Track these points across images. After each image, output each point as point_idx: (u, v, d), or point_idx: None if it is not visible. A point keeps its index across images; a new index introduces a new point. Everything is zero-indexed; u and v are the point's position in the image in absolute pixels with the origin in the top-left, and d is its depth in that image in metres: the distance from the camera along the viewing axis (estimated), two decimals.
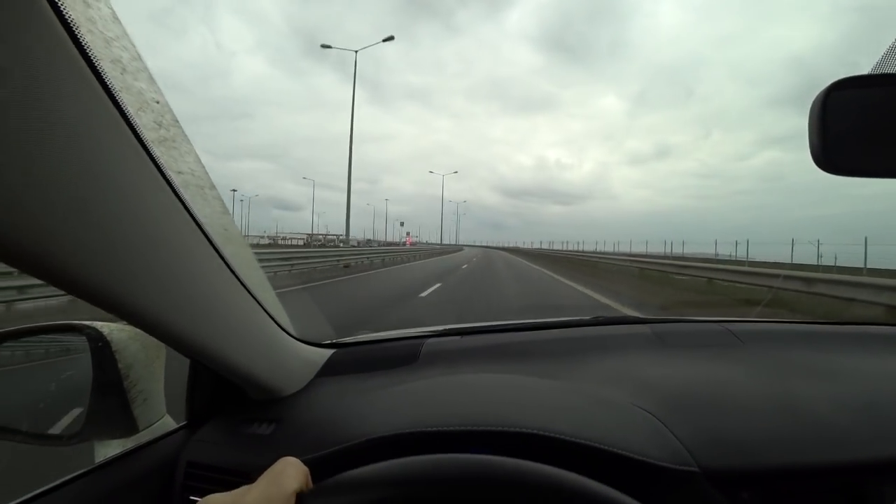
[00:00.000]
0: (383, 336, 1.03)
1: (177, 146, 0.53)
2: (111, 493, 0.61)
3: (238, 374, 0.65)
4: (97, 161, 0.36)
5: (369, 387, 0.79)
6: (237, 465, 0.63)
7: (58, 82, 0.32)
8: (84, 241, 0.37)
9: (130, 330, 0.68)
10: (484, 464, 0.39)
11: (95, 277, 0.39)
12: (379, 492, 0.36)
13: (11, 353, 0.69)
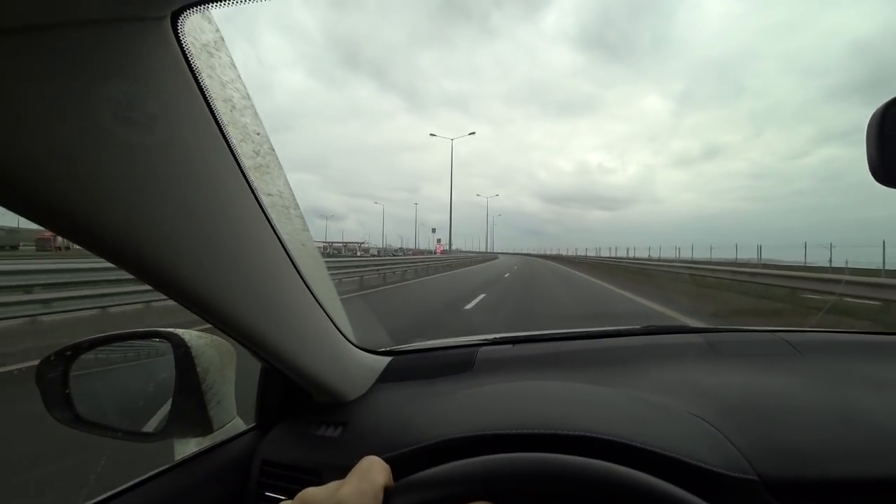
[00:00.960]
0: (438, 344, 1.06)
1: (269, 171, 0.59)
2: (192, 488, 0.67)
3: (310, 379, 0.70)
4: (208, 185, 0.43)
5: (429, 393, 0.82)
6: (308, 464, 0.68)
7: (187, 123, 0.39)
8: (197, 254, 0.45)
9: (207, 337, 0.75)
10: (570, 464, 0.40)
11: (204, 288, 0.47)
12: (463, 487, 0.37)
13: (107, 356, 0.77)
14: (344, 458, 0.65)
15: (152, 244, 0.41)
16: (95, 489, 0.61)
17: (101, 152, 0.35)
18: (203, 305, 0.48)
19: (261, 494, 0.69)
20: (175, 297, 0.46)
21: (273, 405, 0.80)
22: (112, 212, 0.37)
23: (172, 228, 0.42)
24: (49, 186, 0.33)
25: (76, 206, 0.35)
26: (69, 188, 0.34)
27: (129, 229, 0.39)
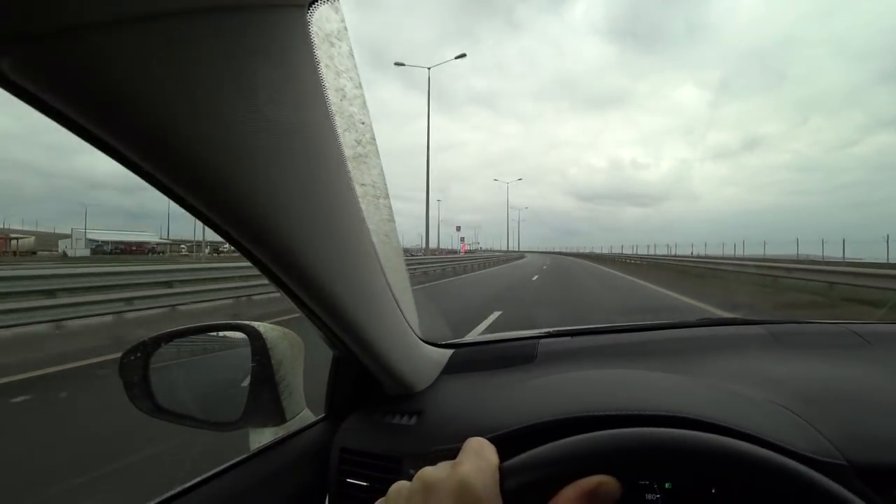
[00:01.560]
0: (497, 337, 1.07)
1: (367, 161, 0.61)
2: (272, 475, 0.69)
3: (388, 369, 0.73)
4: (318, 171, 0.45)
5: (496, 383, 0.83)
6: (387, 452, 0.70)
7: (304, 111, 0.41)
8: (310, 240, 0.47)
9: (280, 330, 0.76)
10: (684, 437, 0.39)
11: (312, 271, 0.50)
12: (576, 464, 0.37)
13: (190, 348, 0.79)
14: (422, 445, 0.68)
15: (275, 229, 0.43)
16: (183, 476, 0.63)
17: (243, 137, 0.37)
18: (310, 288, 0.51)
19: (341, 481, 0.71)
20: (283, 277, 0.49)
21: (343, 397, 0.81)
22: (242, 194, 0.40)
23: (290, 214, 0.44)
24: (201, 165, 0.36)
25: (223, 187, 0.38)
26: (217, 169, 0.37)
27: (256, 212, 0.41)
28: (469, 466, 0.34)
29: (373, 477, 0.69)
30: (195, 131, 0.34)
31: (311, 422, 0.79)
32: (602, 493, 0.34)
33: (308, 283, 0.51)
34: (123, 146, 0.33)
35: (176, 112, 0.32)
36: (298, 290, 0.52)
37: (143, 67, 0.30)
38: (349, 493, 0.70)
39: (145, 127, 0.32)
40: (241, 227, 0.43)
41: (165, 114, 0.32)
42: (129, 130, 0.32)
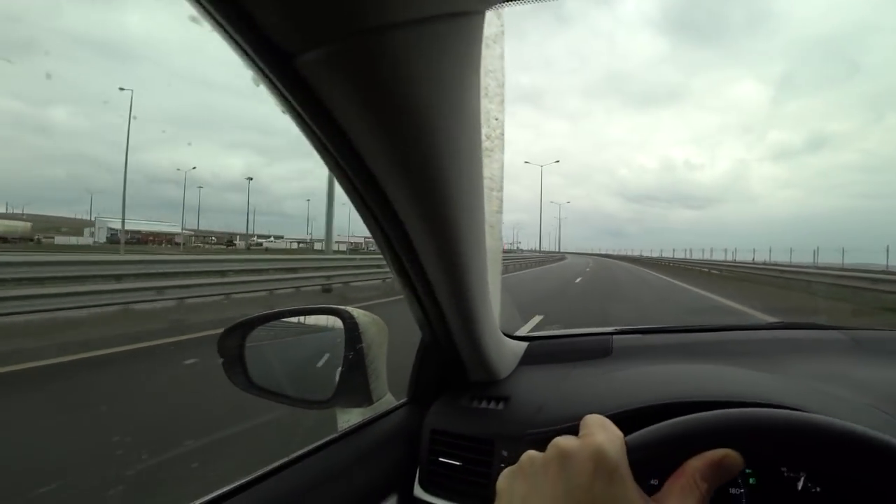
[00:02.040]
0: (570, 332, 1.10)
1: (492, 155, 0.65)
2: (362, 454, 0.72)
3: (478, 357, 0.77)
4: (458, 162, 0.48)
5: (579, 374, 0.86)
6: (479, 434, 0.73)
7: (458, 109, 0.43)
8: (441, 227, 0.52)
9: (370, 315, 0.79)
10: (811, 419, 0.38)
11: (435, 259, 0.55)
12: (698, 440, 0.37)
13: (282, 330, 0.83)
14: (515, 428, 0.72)
15: (419, 215, 0.49)
16: (282, 452, 0.66)
17: (429, 131, 0.41)
18: (430, 273, 0.56)
19: (433, 460, 0.75)
20: (408, 263, 0.55)
21: (427, 382, 0.84)
22: (417, 184, 0.46)
23: (432, 202, 0.48)
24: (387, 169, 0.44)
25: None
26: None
27: (421, 201, 0.47)
28: (602, 436, 0.36)
29: (465, 457, 0.72)
30: (410, 129, 0.40)
31: (396, 405, 0.83)
32: (727, 465, 0.35)
33: (429, 267, 0.55)
34: (369, 143, 0.40)
35: (403, 111, 0.38)
36: (417, 275, 0.56)
37: (371, 76, 0.35)
38: (440, 471, 0.74)
39: (386, 125, 0.39)
40: (402, 216, 0.49)
41: (397, 112, 0.38)
42: (367, 132, 0.39)
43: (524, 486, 0.36)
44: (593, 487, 0.33)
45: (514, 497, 0.36)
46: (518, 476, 0.37)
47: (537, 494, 0.34)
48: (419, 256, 0.55)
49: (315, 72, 0.34)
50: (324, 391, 0.77)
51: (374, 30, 0.31)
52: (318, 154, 0.44)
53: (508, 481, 0.38)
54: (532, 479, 0.36)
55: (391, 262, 0.58)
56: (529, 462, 0.37)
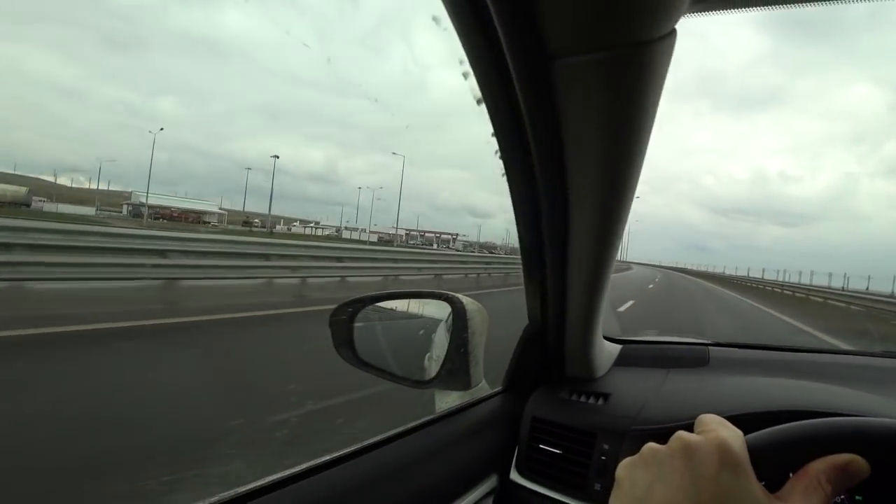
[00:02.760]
0: (663, 339, 1.11)
1: None
2: (460, 435, 0.76)
3: (583, 353, 0.80)
4: (636, 172, 0.53)
5: (677, 379, 0.88)
6: (581, 425, 0.77)
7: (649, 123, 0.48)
8: (594, 227, 0.60)
9: (476, 303, 0.82)
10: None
11: (577, 257, 0.63)
12: (820, 444, 0.37)
13: (389, 311, 0.89)
14: (618, 424, 0.74)
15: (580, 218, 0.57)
16: (383, 428, 0.71)
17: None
18: (568, 268, 0.63)
19: (532, 446, 0.78)
20: (551, 258, 0.64)
21: (525, 373, 0.87)
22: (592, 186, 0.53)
23: (607, 208, 0.55)
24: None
25: None
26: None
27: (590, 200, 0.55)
28: (725, 432, 0.36)
29: (565, 446, 0.75)
30: (623, 138, 0.46)
31: (493, 392, 0.86)
32: (852, 471, 0.35)
33: (574, 265, 0.62)
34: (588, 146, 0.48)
35: (628, 119, 0.44)
36: (555, 271, 0.64)
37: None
38: (538, 457, 0.77)
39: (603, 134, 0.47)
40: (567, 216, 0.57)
41: (624, 121, 0.45)
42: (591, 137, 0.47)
43: (648, 474, 0.37)
44: (720, 479, 0.33)
45: (636, 485, 0.37)
46: (640, 465, 0.38)
47: (663, 483, 0.35)
48: (568, 254, 0.62)
49: (572, 74, 0.40)
50: (425, 372, 0.81)
51: (633, 45, 0.36)
52: (504, 149, 0.52)
53: (629, 470, 0.39)
54: (656, 468, 0.36)
55: (528, 257, 0.65)
56: (652, 453, 0.38)
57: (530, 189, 0.58)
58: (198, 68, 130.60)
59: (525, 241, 0.68)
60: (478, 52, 0.43)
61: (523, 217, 0.63)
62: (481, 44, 0.41)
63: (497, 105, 0.48)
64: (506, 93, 0.45)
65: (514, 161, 0.56)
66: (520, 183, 0.58)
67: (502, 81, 0.44)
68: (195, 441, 2.38)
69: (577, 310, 0.74)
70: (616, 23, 0.36)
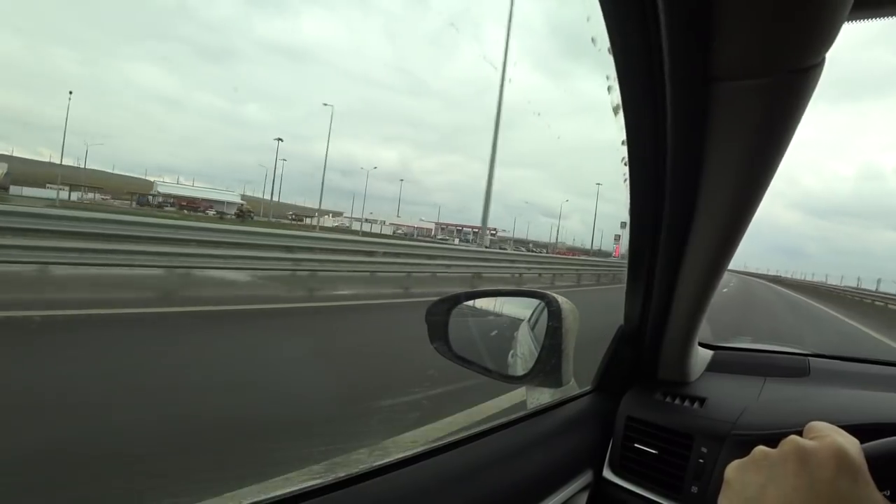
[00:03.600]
0: (761, 347, 1.09)
1: None
2: (552, 431, 0.79)
3: (680, 356, 0.81)
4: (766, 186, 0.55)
5: (777, 388, 0.86)
6: (677, 427, 0.78)
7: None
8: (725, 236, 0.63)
9: (569, 302, 0.84)
10: None
11: (703, 264, 0.67)
12: None
13: (482, 308, 0.93)
14: (718, 428, 0.74)
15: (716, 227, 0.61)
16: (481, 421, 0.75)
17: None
18: (693, 274, 0.67)
19: (627, 446, 0.80)
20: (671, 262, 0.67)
21: (617, 373, 0.89)
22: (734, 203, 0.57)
23: (734, 219, 0.59)
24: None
25: None
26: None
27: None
28: (842, 438, 0.36)
29: (661, 447, 0.76)
30: (770, 158, 0.51)
31: (585, 390, 0.88)
32: None
33: (689, 270, 0.65)
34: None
35: (780, 142, 0.48)
36: (665, 274, 0.67)
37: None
38: (632, 456, 0.79)
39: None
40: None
41: (776, 143, 0.49)
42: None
43: (759, 477, 0.37)
44: (837, 485, 0.33)
45: (748, 486, 0.37)
46: (751, 468, 0.38)
47: (776, 486, 0.36)
48: (682, 263, 0.65)
49: (731, 97, 0.45)
50: (510, 369, 0.85)
51: (792, 71, 0.40)
52: (635, 158, 0.58)
53: (739, 472, 0.39)
54: (767, 470, 0.37)
55: (636, 260, 0.69)
56: (763, 456, 0.38)
57: (654, 198, 0.62)
58: (278, 74, 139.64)
59: (635, 245, 0.71)
60: (632, 70, 0.48)
61: (639, 222, 0.67)
62: (639, 63, 0.47)
63: (638, 118, 0.53)
64: (653, 109, 0.50)
65: (642, 168, 0.60)
66: (644, 190, 0.62)
67: (653, 99, 0.49)
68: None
69: (681, 315, 0.76)
70: (782, 50, 0.39)
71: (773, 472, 0.37)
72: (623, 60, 0.49)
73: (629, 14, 0.44)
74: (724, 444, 0.71)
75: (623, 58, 0.49)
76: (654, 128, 0.53)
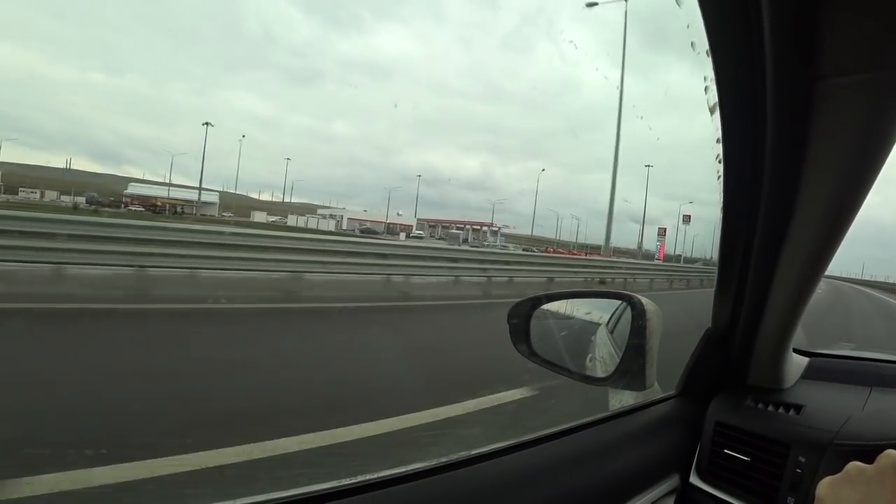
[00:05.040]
0: (865, 355, 1.03)
1: None
2: (637, 434, 0.80)
3: (773, 360, 0.79)
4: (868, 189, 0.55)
5: (888, 399, 0.82)
6: (772, 434, 0.75)
7: None
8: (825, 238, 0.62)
9: (653, 304, 0.84)
10: None
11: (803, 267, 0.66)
12: None
13: (564, 309, 0.95)
14: (815, 437, 0.71)
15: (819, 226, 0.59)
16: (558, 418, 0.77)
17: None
18: (797, 276, 0.67)
19: (716, 451, 0.78)
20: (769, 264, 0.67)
21: (703, 378, 0.87)
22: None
23: (835, 221, 0.58)
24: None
25: None
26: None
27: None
28: None
29: (754, 455, 0.74)
30: (875, 158, 0.50)
31: (668, 394, 0.87)
32: None
33: (785, 273, 0.65)
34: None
35: (885, 140, 0.48)
36: (759, 277, 0.67)
37: None
38: (721, 463, 0.77)
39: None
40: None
41: (881, 140, 0.49)
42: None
43: (855, 494, 0.36)
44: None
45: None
46: (845, 485, 0.38)
47: (872, 503, 0.35)
48: (778, 264, 0.65)
49: (838, 93, 0.46)
50: (589, 371, 0.86)
51: None
52: (731, 157, 0.58)
53: (833, 489, 0.38)
54: (863, 488, 0.36)
55: (727, 262, 0.69)
56: (858, 472, 0.37)
57: (750, 198, 0.61)
58: (360, 91, 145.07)
59: (727, 246, 0.70)
60: (732, 70, 0.50)
61: (732, 223, 0.66)
62: (739, 62, 0.48)
63: (736, 117, 0.54)
64: (752, 108, 0.51)
65: (737, 170, 0.60)
66: (738, 191, 0.62)
67: (752, 98, 0.50)
68: None
69: (774, 319, 0.74)
70: (888, 44, 0.39)
71: (868, 489, 0.36)
72: (722, 60, 0.50)
73: (731, 14, 0.45)
74: (825, 455, 0.67)
75: (722, 58, 0.49)
76: (753, 127, 0.54)
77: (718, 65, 0.50)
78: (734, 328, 0.79)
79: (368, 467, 0.53)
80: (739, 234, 0.67)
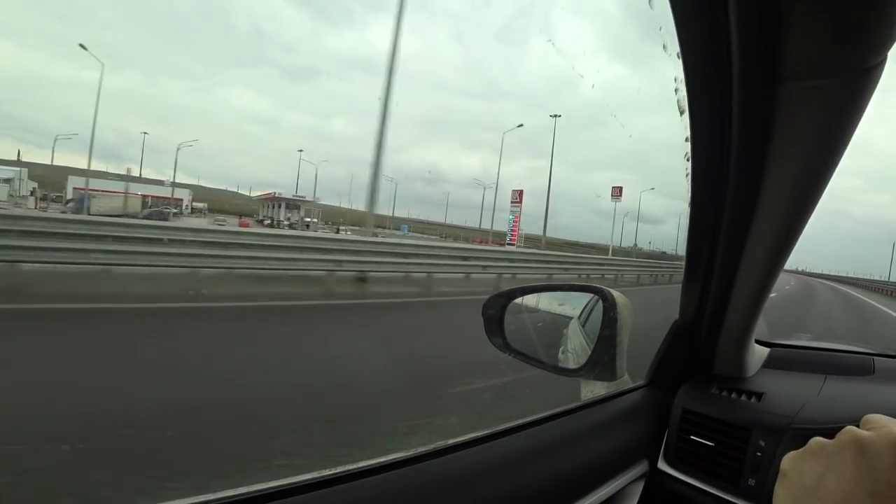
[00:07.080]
0: (821, 345, 1.08)
1: None
2: (606, 422, 0.82)
3: (736, 351, 0.83)
4: (823, 187, 0.58)
5: (839, 386, 0.86)
6: (734, 420, 0.79)
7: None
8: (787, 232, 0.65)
9: (624, 297, 0.86)
10: None
11: (764, 260, 0.69)
12: None
13: (536, 302, 0.97)
14: (773, 421, 0.76)
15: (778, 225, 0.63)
16: (533, 408, 0.79)
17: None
18: (758, 271, 0.70)
19: (683, 437, 0.82)
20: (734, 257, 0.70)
21: (671, 368, 0.91)
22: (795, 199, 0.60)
23: (794, 220, 0.62)
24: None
25: None
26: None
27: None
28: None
29: (718, 440, 0.78)
30: (830, 159, 0.53)
31: (637, 384, 0.90)
32: None
33: (748, 268, 0.68)
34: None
35: (839, 143, 0.51)
36: (723, 272, 0.70)
37: None
38: (687, 448, 0.81)
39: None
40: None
41: (836, 144, 0.51)
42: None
43: (816, 466, 0.38)
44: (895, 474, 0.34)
45: (804, 476, 0.38)
46: (807, 458, 0.39)
47: (833, 474, 0.36)
48: (742, 259, 0.68)
49: (796, 98, 0.48)
50: (561, 363, 0.88)
51: (855, 71, 0.42)
52: (698, 156, 0.61)
53: (796, 462, 0.40)
54: (825, 460, 0.38)
55: (694, 256, 0.72)
56: (820, 446, 0.39)
57: (716, 195, 0.64)
58: (357, 88, 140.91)
59: (694, 242, 0.73)
60: (699, 71, 0.52)
61: (699, 218, 0.69)
62: (707, 63, 0.50)
63: (703, 117, 0.56)
64: (719, 109, 0.54)
65: (705, 168, 0.63)
66: (705, 188, 0.65)
67: (719, 99, 0.53)
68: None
69: (738, 311, 0.78)
70: (846, 49, 0.41)
71: (830, 461, 0.37)
72: (691, 61, 0.52)
73: (699, 15, 0.47)
74: (783, 438, 0.72)
75: (691, 58, 0.52)
76: (720, 127, 0.56)
77: (687, 64, 0.52)
78: (700, 320, 0.83)
79: (350, 457, 0.54)
80: (705, 230, 0.71)
